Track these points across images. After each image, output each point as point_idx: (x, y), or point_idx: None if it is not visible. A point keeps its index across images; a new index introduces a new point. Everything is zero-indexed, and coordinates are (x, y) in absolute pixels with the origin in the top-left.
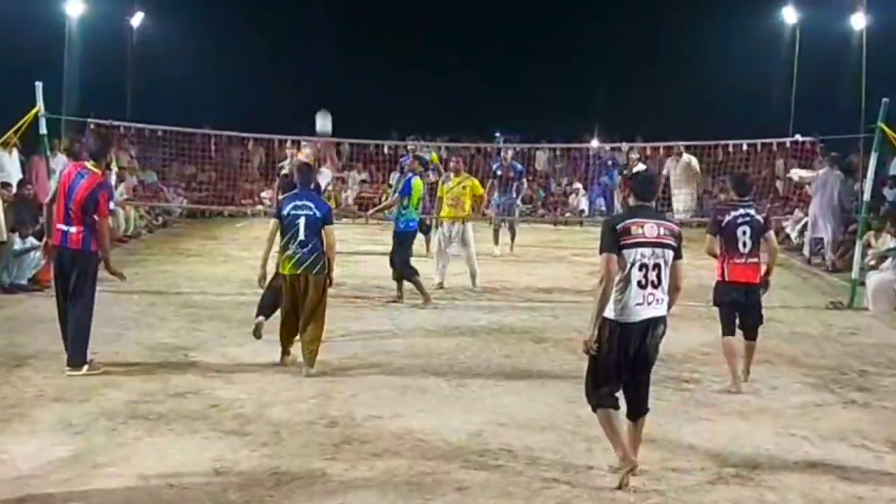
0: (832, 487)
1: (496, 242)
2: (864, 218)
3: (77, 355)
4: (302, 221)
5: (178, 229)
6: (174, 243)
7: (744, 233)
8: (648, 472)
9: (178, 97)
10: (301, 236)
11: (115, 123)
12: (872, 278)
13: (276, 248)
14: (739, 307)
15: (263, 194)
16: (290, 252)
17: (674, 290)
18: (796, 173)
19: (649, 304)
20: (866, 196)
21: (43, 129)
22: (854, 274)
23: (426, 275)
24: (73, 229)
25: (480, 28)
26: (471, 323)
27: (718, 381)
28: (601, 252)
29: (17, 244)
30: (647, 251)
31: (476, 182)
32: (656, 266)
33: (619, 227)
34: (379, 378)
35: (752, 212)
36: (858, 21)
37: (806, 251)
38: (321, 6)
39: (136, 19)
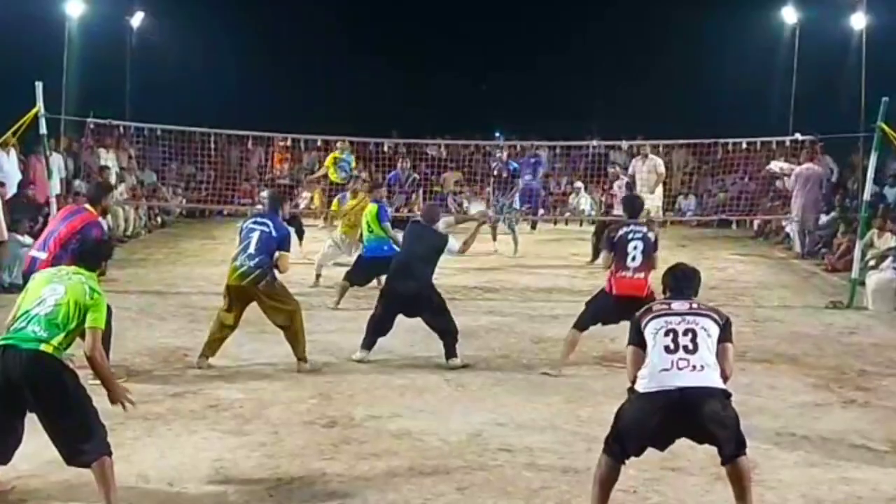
0: (832, 487)
1: (494, 238)
2: (865, 217)
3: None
4: (255, 235)
5: (177, 229)
6: (173, 243)
7: (634, 247)
8: (648, 472)
9: (177, 97)
10: (251, 249)
11: (115, 123)
12: (872, 278)
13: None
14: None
15: (263, 194)
16: (236, 263)
17: (721, 376)
18: (776, 164)
19: (680, 369)
20: (866, 195)
21: (43, 129)
22: (854, 274)
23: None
24: (42, 255)
25: (481, 28)
26: (471, 323)
27: None
28: (628, 343)
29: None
30: (675, 318)
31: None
32: (689, 331)
33: (639, 313)
34: (378, 378)
35: (643, 229)
36: (858, 21)
37: (798, 247)
38: (321, 6)
39: (136, 19)
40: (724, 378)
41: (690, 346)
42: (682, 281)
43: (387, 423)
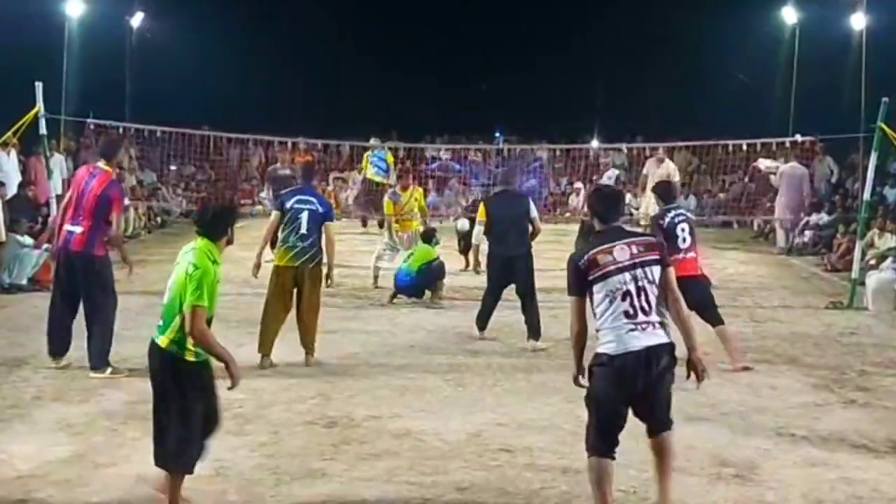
0: (832, 487)
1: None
2: (865, 218)
3: (101, 358)
4: (305, 215)
5: (177, 229)
6: (173, 244)
7: (682, 230)
8: (648, 471)
9: (177, 97)
10: (303, 230)
11: (115, 124)
12: (872, 278)
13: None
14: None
15: (262, 195)
16: (289, 244)
17: (673, 301)
18: (762, 163)
19: (644, 330)
20: (866, 196)
21: (43, 130)
22: (854, 274)
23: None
24: (78, 229)
25: (481, 28)
26: (470, 323)
27: (718, 382)
28: (569, 294)
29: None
30: (624, 276)
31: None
32: (642, 290)
33: (582, 262)
34: (378, 378)
35: (685, 212)
36: (858, 21)
37: (781, 243)
38: (321, 6)
39: (136, 19)
40: (677, 307)
41: (646, 307)
42: (614, 205)
43: (387, 423)
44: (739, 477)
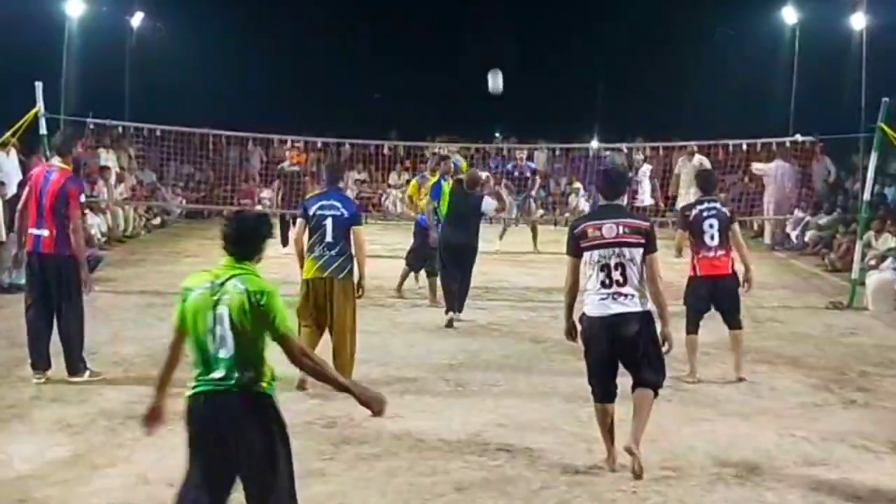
0: (832, 487)
1: (500, 238)
2: (864, 218)
3: (76, 362)
4: (329, 222)
5: (177, 229)
6: (172, 243)
7: (710, 226)
8: (648, 472)
9: (177, 97)
10: (328, 238)
11: (114, 123)
12: (872, 278)
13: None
14: (711, 301)
15: (263, 194)
16: (315, 254)
17: (651, 283)
18: (755, 166)
19: (615, 299)
20: (866, 196)
21: (43, 129)
22: (854, 274)
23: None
24: (45, 233)
25: (481, 27)
26: (471, 323)
27: (718, 382)
28: (566, 253)
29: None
30: (607, 251)
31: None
32: (619, 266)
33: (577, 230)
34: (378, 378)
35: (717, 205)
36: (858, 21)
37: (767, 239)
38: (321, 6)
39: (136, 19)
40: (653, 283)
41: (621, 280)
42: (615, 185)
43: (387, 423)
44: (739, 477)
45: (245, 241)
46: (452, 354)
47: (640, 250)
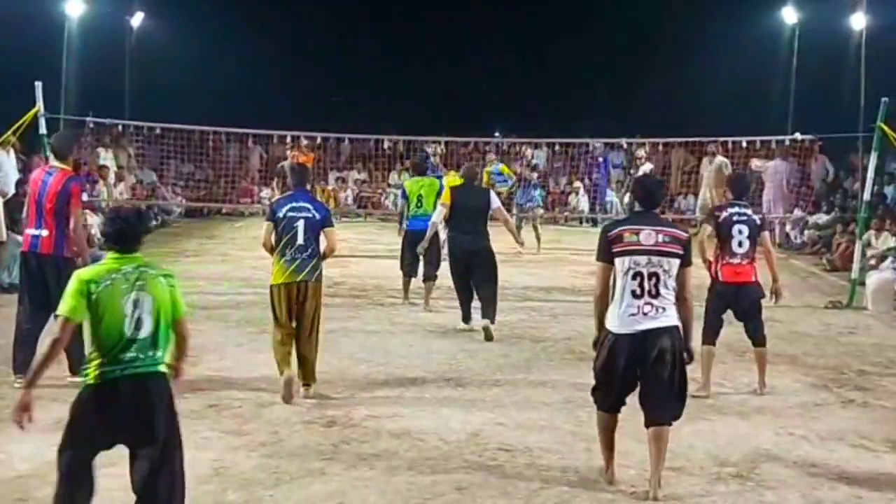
0: (832, 487)
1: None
2: (864, 217)
3: (76, 362)
4: (301, 224)
5: (177, 228)
6: (172, 243)
7: (739, 231)
8: (648, 472)
9: (176, 96)
10: (300, 240)
11: (115, 122)
12: (872, 278)
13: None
14: (733, 309)
15: (263, 193)
16: (287, 258)
17: (681, 300)
18: (753, 162)
19: (645, 314)
20: (866, 195)
21: (43, 129)
22: (854, 274)
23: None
24: (44, 233)
25: (481, 27)
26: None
27: (718, 382)
28: (596, 259)
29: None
30: (643, 259)
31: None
32: (653, 275)
33: (611, 233)
34: (378, 378)
35: (749, 211)
36: (858, 21)
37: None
38: (321, 5)
39: (136, 19)
40: (683, 300)
41: (654, 291)
42: (652, 194)
43: (386, 423)
44: (739, 477)
45: (135, 237)
46: (452, 354)
47: (678, 261)
